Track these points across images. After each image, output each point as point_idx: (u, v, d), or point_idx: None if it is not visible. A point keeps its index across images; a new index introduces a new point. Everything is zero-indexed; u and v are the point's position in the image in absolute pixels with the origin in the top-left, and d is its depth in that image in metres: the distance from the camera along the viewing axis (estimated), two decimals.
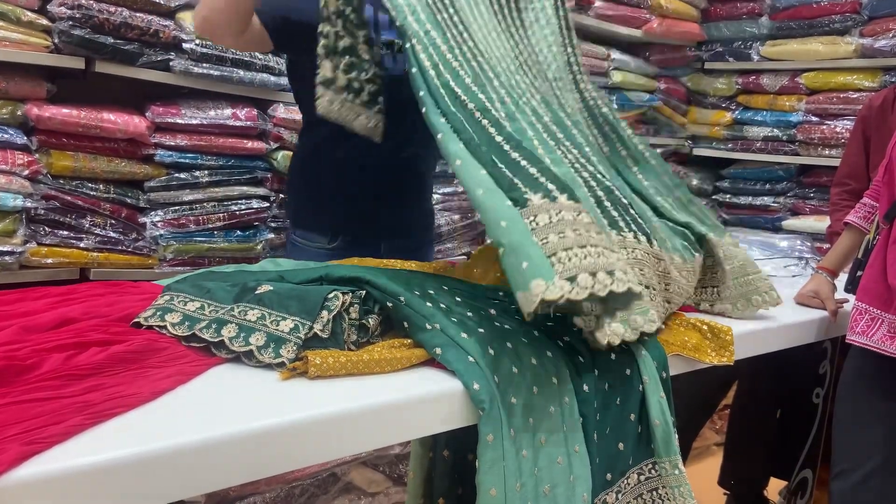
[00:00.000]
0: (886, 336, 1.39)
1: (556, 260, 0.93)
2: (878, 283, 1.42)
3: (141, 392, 0.85)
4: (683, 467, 1.16)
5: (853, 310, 1.47)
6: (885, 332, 1.40)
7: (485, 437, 0.93)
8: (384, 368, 0.99)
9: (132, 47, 1.86)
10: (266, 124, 2.07)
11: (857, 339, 1.44)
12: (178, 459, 0.75)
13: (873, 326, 1.42)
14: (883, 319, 1.41)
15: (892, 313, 1.38)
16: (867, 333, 1.42)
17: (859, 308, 1.45)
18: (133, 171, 1.91)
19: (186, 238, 1.98)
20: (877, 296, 1.42)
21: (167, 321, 1.01)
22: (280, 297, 1.04)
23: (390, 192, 1.75)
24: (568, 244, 0.95)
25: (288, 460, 0.83)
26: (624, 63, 3.14)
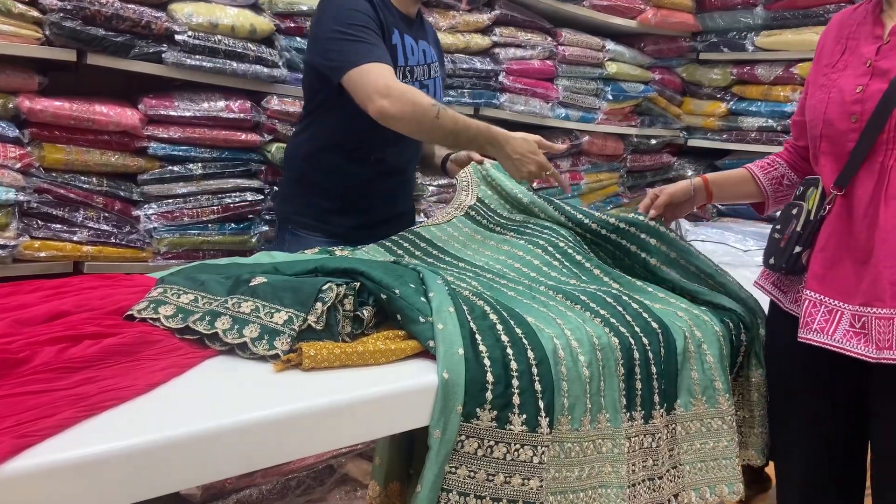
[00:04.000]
0: (850, 333, 1.15)
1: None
2: (836, 268, 1.19)
3: (135, 385, 0.85)
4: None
5: (805, 302, 1.22)
6: (847, 327, 1.16)
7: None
8: (378, 360, 0.99)
9: (124, 39, 1.85)
10: (260, 116, 2.06)
11: (814, 337, 1.19)
12: (171, 451, 0.75)
13: (831, 321, 1.18)
14: (842, 312, 1.17)
15: (858, 304, 1.15)
16: (826, 330, 1.18)
17: (812, 299, 1.21)
18: (126, 163, 1.90)
19: (180, 231, 1.97)
20: (836, 284, 1.19)
21: (161, 313, 1.01)
22: (274, 288, 1.04)
23: (387, 193, 1.80)
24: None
25: (282, 452, 0.83)
26: (619, 54, 3.14)
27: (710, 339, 1.26)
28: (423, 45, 1.77)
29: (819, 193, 1.24)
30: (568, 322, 1.13)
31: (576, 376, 1.06)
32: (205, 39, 1.92)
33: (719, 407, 1.23)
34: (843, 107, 1.19)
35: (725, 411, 1.24)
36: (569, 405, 1.05)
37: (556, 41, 2.92)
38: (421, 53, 1.76)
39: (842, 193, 1.19)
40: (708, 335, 1.26)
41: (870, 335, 1.13)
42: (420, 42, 1.77)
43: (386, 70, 1.55)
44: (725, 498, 1.22)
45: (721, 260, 2.08)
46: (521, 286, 1.28)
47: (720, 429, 1.23)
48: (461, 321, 1.04)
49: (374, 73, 1.54)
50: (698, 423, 1.22)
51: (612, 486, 1.07)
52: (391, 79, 1.54)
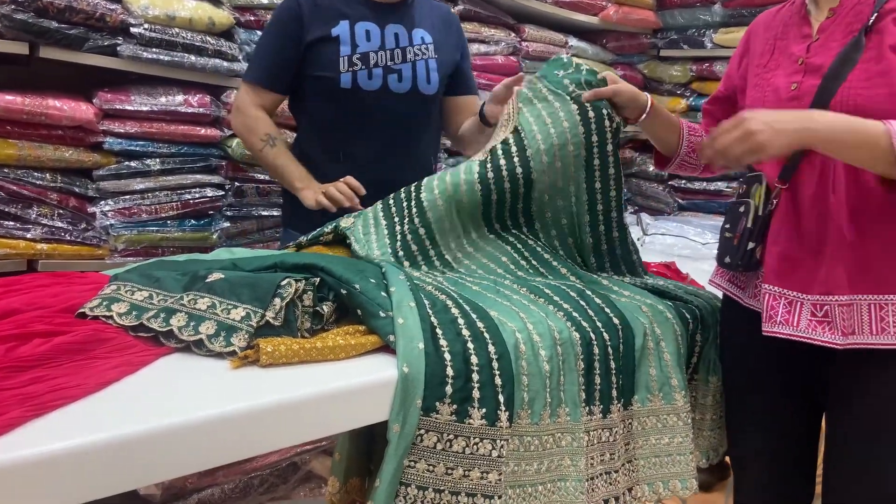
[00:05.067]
0: (814, 323, 1.17)
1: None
2: (791, 260, 1.20)
3: (86, 383, 0.83)
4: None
5: (765, 296, 1.23)
6: (810, 317, 1.18)
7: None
8: (338, 355, 0.98)
9: (78, 32, 1.80)
10: (220, 111, 2.03)
11: (780, 329, 1.20)
12: (123, 450, 0.74)
13: (794, 313, 1.19)
14: (803, 303, 1.19)
15: (817, 293, 1.17)
16: (790, 322, 1.19)
17: (771, 293, 1.22)
18: (81, 159, 1.86)
19: (138, 228, 1.93)
20: (793, 275, 1.20)
21: (113, 311, 0.99)
22: (231, 284, 1.03)
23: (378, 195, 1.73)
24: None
25: (238, 449, 0.82)
26: (581, 50, 3.16)
27: (669, 337, 1.28)
28: (395, 29, 1.75)
29: (764, 189, 1.26)
30: (531, 315, 1.14)
31: (536, 371, 1.07)
32: (162, 32, 1.89)
33: (675, 404, 1.25)
34: (779, 104, 1.22)
35: (681, 408, 1.26)
36: (529, 399, 1.05)
37: (520, 37, 2.93)
38: (392, 38, 1.74)
39: (786, 187, 1.22)
40: (667, 333, 1.28)
41: (834, 323, 1.16)
42: (391, 27, 1.74)
43: (249, 92, 1.75)
44: (678, 493, 1.24)
45: (680, 253, 2.12)
46: (486, 280, 1.29)
47: (675, 425, 1.25)
48: (422, 315, 1.03)
49: (240, 92, 1.79)
50: (654, 419, 1.24)
51: (571, 480, 1.08)
52: (246, 101, 1.75)
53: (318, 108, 1.76)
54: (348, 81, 1.69)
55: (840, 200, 1.15)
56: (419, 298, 1.08)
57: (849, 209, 1.15)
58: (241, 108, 1.76)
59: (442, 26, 1.85)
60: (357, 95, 1.71)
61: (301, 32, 1.69)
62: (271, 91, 1.76)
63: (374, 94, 1.72)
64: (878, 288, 1.14)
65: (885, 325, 1.13)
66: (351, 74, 1.69)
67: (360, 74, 1.70)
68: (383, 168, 1.77)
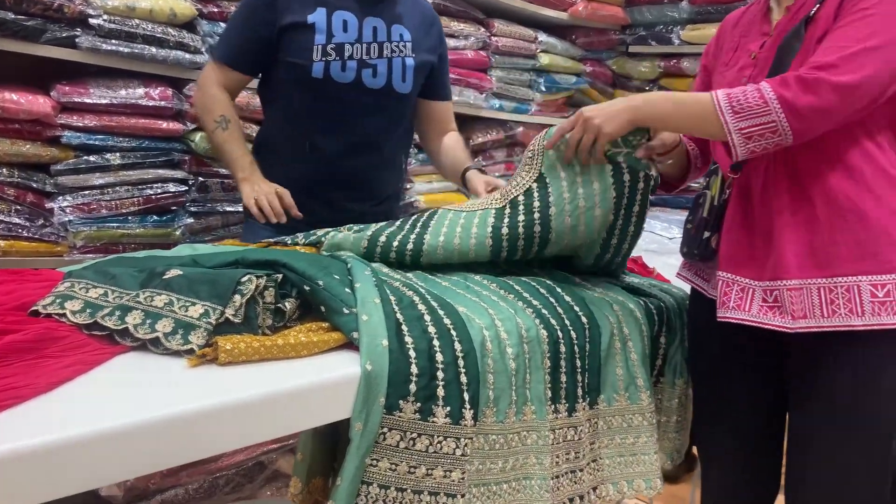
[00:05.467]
0: (765, 308, 1.19)
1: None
2: (743, 248, 1.23)
3: (36, 383, 0.81)
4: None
5: (719, 283, 1.25)
6: (761, 302, 1.20)
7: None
8: (300, 352, 0.97)
9: (35, 23, 1.75)
10: (182, 104, 1.98)
11: (732, 315, 1.22)
12: (75, 452, 0.71)
13: (746, 299, 1.22)
14: (754, 289, 1.21)
15: (767, 279, 1.19)
16: (742, 307, 1.22)
17: (725, 279, 1.24)
18: (38, 153, 1.81)
19: (98, 224, 1.89)
20: (744, 263, 1.23)
21: (67, 309, 0.96)
22: (190, 281, 1.00)
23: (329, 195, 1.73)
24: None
25: (196, 450, 0.81)
26: (551, 45, 3.16)
27: (636, 336, 1.28)
28: (374, 23, 1.70)
29: (720, 180, 1.30)
30: (499, 312, 1.13)
31: (502, 368, 1.06)
32: (121, 23, 1.84)
33: (640, 404, 1.26)
34: None
35: (646, 408, 1.26)
36: (494, 397, 1.04)
37: (490, 32, 2.93)
38: (370, 31, 1.70)
39: (737, 176, 1.25)
40: (635, 332, 1.28)
41: (784, 307, 1.17)
42: (370, 20, 1.70)
43: (214, 69, 1.71)
44: (643, 492, 1.24)
45: (647, 248, 2.13)
46: (455, 276, 1.28)
47: (640, 425, 1.25)
48: (386, 312, 1.02)
49: (205, 68, 1.75)
50: (620, 419, 1.24)
51: (536, 478, 1.08)
52: (209, 79, 1.71)
53: (287, 96, 1.71)
54: (320, 71, 1.65)
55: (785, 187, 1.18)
56: (384, 294, 1.07)
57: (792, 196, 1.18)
58: (203, 86, 1.72)
59: (422, 26, 1.82)
60: (328, 86, 1.66)
61: (273, 15, 1.64)
62: (236, 71, 1.71)
63: (347, 86, 1.67)
64: (826, 271, 1.15)
65: (834, 307, 1.14)
66: (323, 64, 1.64)
67: (334, 65, 1.65)
68: (350, 164, 1.74)
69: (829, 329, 1.14)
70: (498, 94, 3.00)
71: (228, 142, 1.68)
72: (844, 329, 1.13)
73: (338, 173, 1.74)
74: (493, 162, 3.07)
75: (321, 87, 1.66)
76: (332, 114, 1.70)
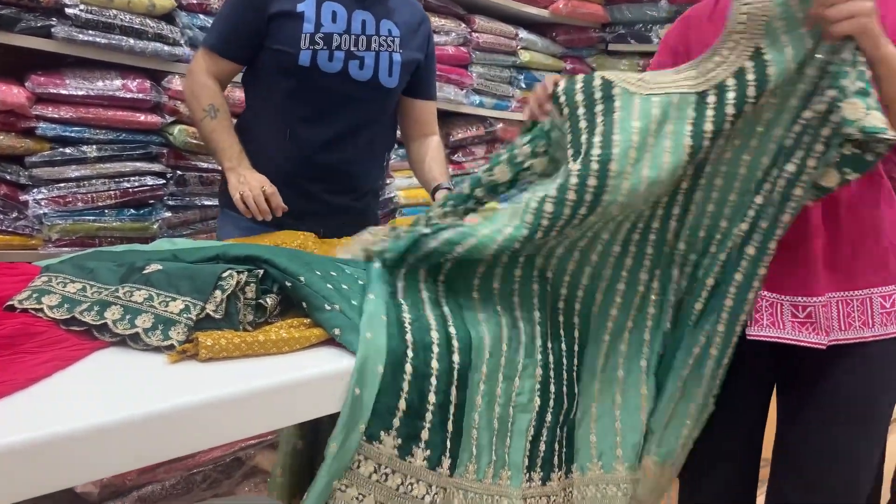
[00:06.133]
0: (796, 323, 1.14)
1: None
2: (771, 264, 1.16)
3: (13, 379, 0.79)
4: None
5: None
6: (791, 318, 1.15)
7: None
8: (281, 349, 0.96)
9: (9, 12, 1.72)
10: (161, 97, 1.96)
11: (768, 333, 1.17)
12: (53, 449, 0.70)
13: (776, 314, 1.16)
14: (782, 304, 1.16)
15: (794, 294, 1.15)
16: (776, 324, 1.16)
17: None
18: (12, 145, 1.78)
19: (74, 217, 1.86)
20: (771, 278, 1.15)
21: (44, 304, 0.95)
22: (170, 276, 0.99)
23: (309, 188, 1.71)
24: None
25: (175, 446, 0.80)
26: (531, 42, 3.17)
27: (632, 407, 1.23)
28: (363, 16, 1.69)
29: None
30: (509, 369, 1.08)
31: (486, 424, 1.04)
32: (98, 14, 1.81)
33: (615, 474, 1.22)
34: None
35: (621, 479, 1.22)
36: (476, 454, 1.02)
37: (470, 28, 2.92)
38: (359, 24, 1.69)
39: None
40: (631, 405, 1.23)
41: (818, 323, 1.16)
42: (359, 13, 1.69)
43: (204, 57, 1.69)
44: None
45: None
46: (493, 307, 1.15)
47: (615, 496, 1.21)
48: (390, 334, 0.97)
49: (195, 56, 1.72)
50: (594, 489, 1.20)
51: None
52: (199, 66, 1.68)
53: (271, 84, 1.70)
54: (307, 59, 1.63)
55: (816, 205, 1.15)
56: (397, 315, 1.00)
57: (822, 211, 1.16)
58: (193, 73, 1.69)
59: (411, 23, 1.81)
60: (314, 75, 1.65)
61: (263, 3, 1.63)
62: (226, 59, 1.69)
63: (333, 77, 1.66)
64: (847, 285, 1.16)
65: (850, 319, 1.16)
66: (311, 52, 1.63)
67: (321, 54, 1.64)
68: (332, 156, 1.73)
69: (843, 342, 1.16)
70: (478, 91, 3.01)
71: (217, 131, 1.65)
72: (856, 341, 1.16)
73: (317, 164, 1.72)
74: (473, 158, 3.07)
75: (307, 76, 1.65)
76: (315, 103, 1.69)
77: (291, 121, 1.70)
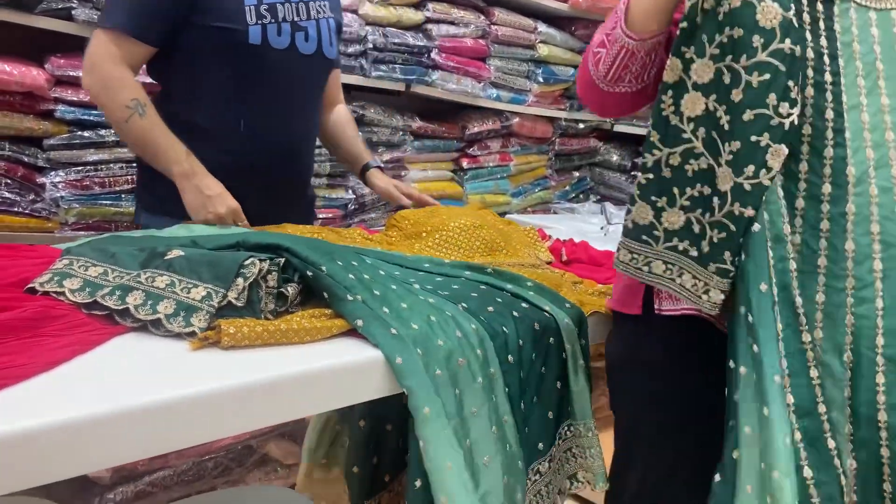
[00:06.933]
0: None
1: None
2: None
3: (34, 362, 0.78)
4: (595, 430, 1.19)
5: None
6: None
7: (420, 411, 0.91)
8: (302, 338, 0.95)
9: None
10: None
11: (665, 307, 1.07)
12: (74, 434, 0.70)
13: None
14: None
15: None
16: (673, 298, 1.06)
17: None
18: (31, 127, 1.78)
19: (90, 201, 1.86)
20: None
21: (66, 287, 0.94)
22: (192, 263, 0.98)
23: (267, 177, 1.55)
24: None
25: (196, 434, 0.79)
26: (550, 36, 3.15)
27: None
28: None
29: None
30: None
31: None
32: None
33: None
34: None
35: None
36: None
37: (490, 20, 2.90)
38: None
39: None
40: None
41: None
42: None
43: (110, 43, 1.37)
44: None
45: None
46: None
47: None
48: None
49: (95, 43, 1.39)
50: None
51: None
52: (104, 55, 1.37)
53: (211, 67, 1.45)
54: (258, 36, 1.43)
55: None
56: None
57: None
58: (99, 63, 1.38)
59: None
60: (264, 54, 1.45)
61: None
62: (142, 42, 1.39)
63: (282, 53, 1.48)
64: None
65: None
66: (260, 28, 1.43)
67: (270, 29, 1.44)
68: (286, 139, 1.57)
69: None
70: (495, 84, 2.99)
71: (151, 130, 1.38)
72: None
73: (274, 149, 1.54)
74: (489, 152, 3.06)
75: (257, 55, 1.45)
76: (267, 85, 1.50)
77: (242, 109, 1.49)
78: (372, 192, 2.65)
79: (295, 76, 1.53)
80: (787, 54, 0.88)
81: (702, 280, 0.98)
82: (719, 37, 0.90)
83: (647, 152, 1.00)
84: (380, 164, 1.75)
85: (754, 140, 0.90)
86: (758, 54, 0.88)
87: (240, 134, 1.48)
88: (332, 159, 2.50)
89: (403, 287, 1.09)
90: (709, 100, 0.92)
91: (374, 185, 1.74)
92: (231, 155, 1.47)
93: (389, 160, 2.70)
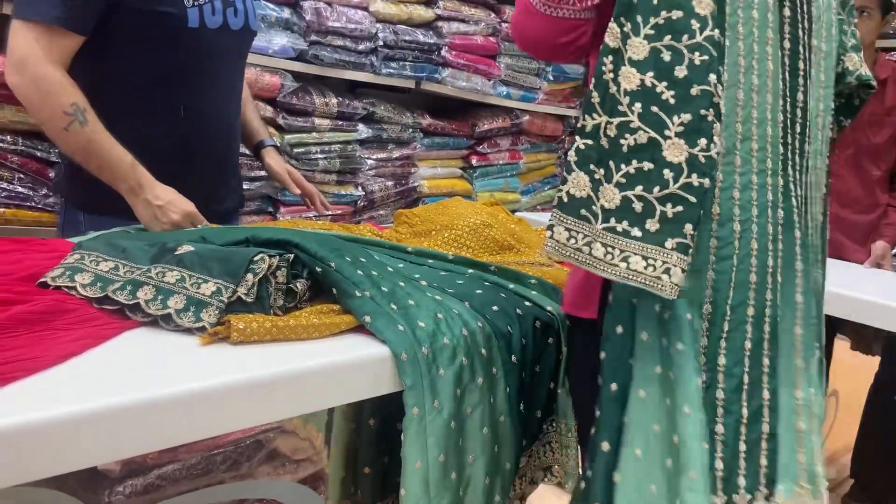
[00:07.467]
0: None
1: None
2: None
3: (45, 355, 0.79)
4: (575, 432, 1.18)
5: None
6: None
7: (410, 409, 0.92)
8: (311, 334, 0.95)
9: None
10: None
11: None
12: (83, 426, 0.70)
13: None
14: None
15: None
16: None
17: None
18: None
19: None
20: None
21: (77, 281, 0.95)
22: (202, 258, 0.99)
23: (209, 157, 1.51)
24: None
25: (205, 428, 0.80)
26: None
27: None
28: None
29: None
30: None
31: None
32: None
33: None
34: None
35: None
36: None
37: (500, 18, 2.90)
38: None
39: None
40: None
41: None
42: None
43: (40, 37, 1.23)
44: None
45: None
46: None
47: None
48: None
49: (22, 38, 1.24)
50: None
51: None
52: (36, 52, 1.23)
53: (144, 53, 1.36)
54: (196, 19, 1.37)
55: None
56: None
57: None
58: (30, 63, 1.23)
59: None
60: (201, 36, 1.40)
61: None
62: (74, 33, 1.27)
63: (216, 32, 1.43)
64: None
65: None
66: (197, 10, 1.38)
67: (206, 9, 1.39)
68: (224, 118, 1.53)
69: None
70: (505, 82, 2.99)
71: (96, 140, 1.27)
72: None
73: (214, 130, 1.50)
74: (498, 150, 3.06)
75: (195, 38, 1.39)
76: (204, 66, 1.45)
77: (181, 94, 1.42)
78: (381, 189, 2.66)
79: (227, 54, 1.49)
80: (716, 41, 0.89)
81: (658, 259, 0.89)
82: (654, 19, 0.89)
83: (588, 114, 0.92)
84: (275, 143, 1.71)
85: (703, 114, 0.88)
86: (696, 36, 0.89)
87: (180, 118, 1.43)
88: (342, 156, 2.51)
89: (411, 283, 1.10)
90: (645, 76, 0.90)
91: (267, 165, 1.69)
92: (170, 139, 1.42)
93: (399, 157, 2.71)
